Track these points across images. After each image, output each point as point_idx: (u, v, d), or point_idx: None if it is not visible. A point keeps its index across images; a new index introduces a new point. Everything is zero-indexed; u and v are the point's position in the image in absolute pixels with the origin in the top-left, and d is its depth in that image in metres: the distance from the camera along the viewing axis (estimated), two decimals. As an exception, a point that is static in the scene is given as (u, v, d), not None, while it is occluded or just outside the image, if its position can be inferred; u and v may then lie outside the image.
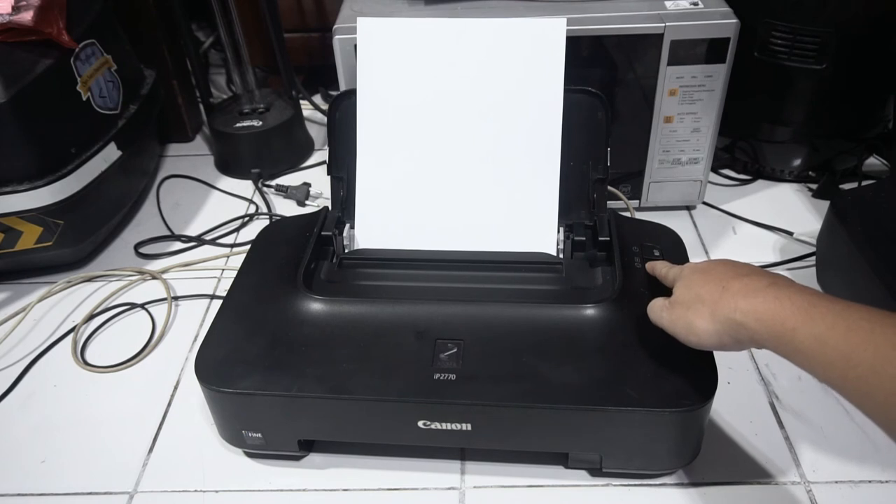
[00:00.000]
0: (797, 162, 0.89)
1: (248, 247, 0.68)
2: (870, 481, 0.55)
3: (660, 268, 0.56)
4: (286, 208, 0.92)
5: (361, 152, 0.65)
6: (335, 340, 0.55)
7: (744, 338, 0.43)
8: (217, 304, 0.76)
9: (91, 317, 0.75)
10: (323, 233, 0.64)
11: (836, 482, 0.55)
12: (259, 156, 0.96)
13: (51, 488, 0.58)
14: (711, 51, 0.71)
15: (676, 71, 0.72)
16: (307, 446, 0.58)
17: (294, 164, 1.00)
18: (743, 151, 0.91)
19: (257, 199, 0.93)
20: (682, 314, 0.47)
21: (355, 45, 0.65)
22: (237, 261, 0.69)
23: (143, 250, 0.85)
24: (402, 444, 0.55)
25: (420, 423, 0.52)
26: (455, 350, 0.53)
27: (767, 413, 0.61)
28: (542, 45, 0.63)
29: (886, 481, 0.55)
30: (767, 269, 0.76)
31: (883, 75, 0.82)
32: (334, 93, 0.74)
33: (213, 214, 0.91)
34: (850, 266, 0.65)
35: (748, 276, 0.46)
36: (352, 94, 0.65)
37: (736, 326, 0.43)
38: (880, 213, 0.69)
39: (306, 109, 1.06)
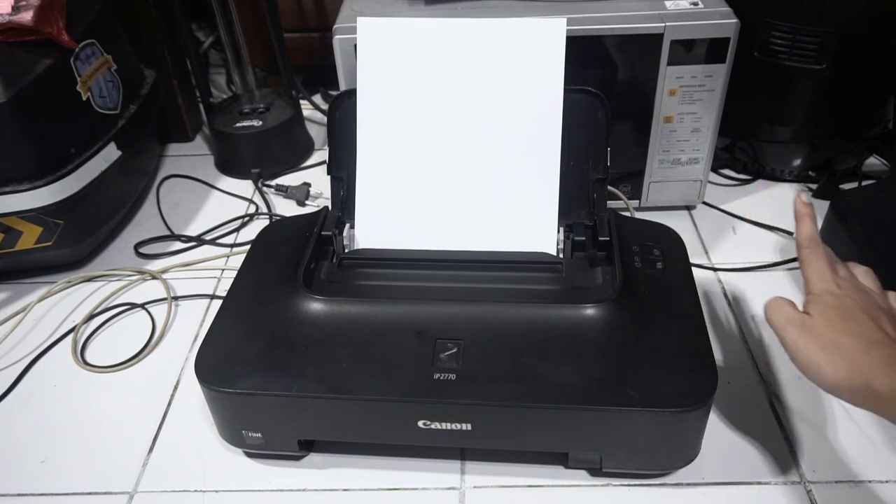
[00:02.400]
0: (797, 162, 0.89)
1: (248, 247, 0.68)
2: (870, 481, 0.55)
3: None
4: (286, 208, 0.92)
5: (361, 152, 0.65)
6: (335, 340, 0.54)
7: (868, 403, 0.43)
8: (217, 304, 0.76)
9: (91, 317, 0.75)
10: (323, 233, 0.64)
11: (836, 482, 0.55)
12: (259, 156, 0.96)
13: (51, 488, 0.58)
14: (711, 51, 0.71)
15: (676, 71, 0.72)
16: (307, 446, 0.58)
17: (294, 164, 1.00)
18: (743, 151, 0.91)
19: (257, 199, 0.93)
20: (811, 348, 0.45)
21: (355, 45, 0.65)
22: (237, 261, 0.69)
23: (143, 250, 0.85)
24: (402, 444, 0.55)
25: (420, 423, 0.52)
26: (455, 350, 0.53)
27: (767, 413, 0.61)
28: (542, 45, 0.63)
29: (886, 481, 0.55)
30: (767, 269, 0.77)
31: (883, 75, 0.82)
32: (334, 93, 0.74)
33: (213, 214, 0.91)
34: (850, 266, 0.65)
35: (893, 343, 0.44)
36: (352, 94, 0.65)
37: (870, 394, 0.42)
38: (880, 213, 0.69)
39: (306, 109, 1.06)
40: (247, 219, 0.89)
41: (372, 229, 0.65)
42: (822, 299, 0.48)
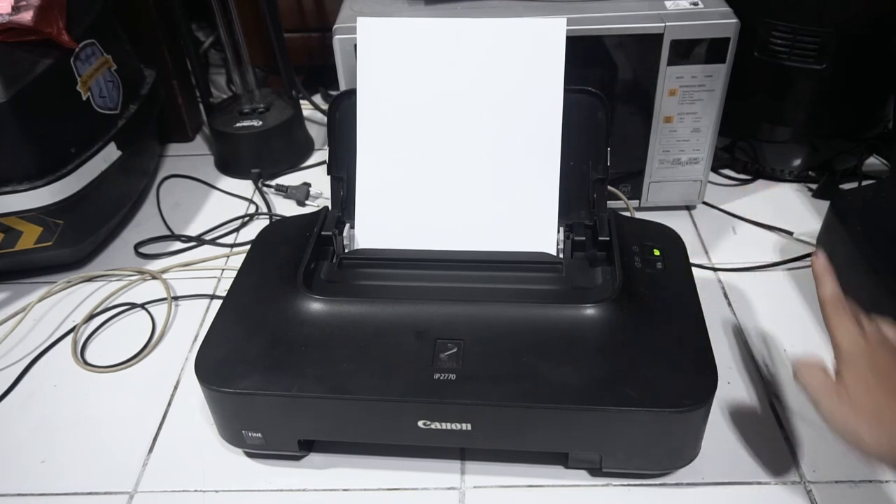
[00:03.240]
0: (797, 162, 0.89)
1: (248, 247, 0.68)
2: (870, 481, 0.55)
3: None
4: (286, 208, 0.92)
5: (361, 152, 0.65)
6: (335, 340, 0.55)
7: None
8: (217, 304, 0.76)
9: (91, 317, 0.75)
10: (323, 233, 0.64)
11: (836, 482, 0.55)
12: (259, 156, 0.96)
13: (51, 488, 0.58)
14: (711, 51, 0.71)
15: (676, 71, 0.72)
16: (307, 446, 0.58)
17: (294, 164, 1.00)
18: (743, 151, 0.91)
19: (257, 199, 0.93)
20: (849, 419, 0.44)
21: (355, 45, 0.65)
22: (237, 261, 0.69)
23: (143, 250, 0.85)
24: (402, 444, 0.55)
25: (420, 423, 0.52)
26: (455, 350, 0.53)
27: (767, 413, 0.61)
28: (542, 45, 0.63)
29: (886, 481, 0.55)
30: (767, 268, 0.77)
31: (883, 75, 0.82)
32: (334, 93, 0.74)
33: (213, 214, 0.91)
34: (850, 266, 0.65)
35: None
36: (352, 94, 0.65)
37: None
38: (880, 213, 0.69)
39: (306, 109, 1.06)
40: (247, 219, 0.89)
41: (372, 229, 0.65)
42: (854, 360, 0.47)
